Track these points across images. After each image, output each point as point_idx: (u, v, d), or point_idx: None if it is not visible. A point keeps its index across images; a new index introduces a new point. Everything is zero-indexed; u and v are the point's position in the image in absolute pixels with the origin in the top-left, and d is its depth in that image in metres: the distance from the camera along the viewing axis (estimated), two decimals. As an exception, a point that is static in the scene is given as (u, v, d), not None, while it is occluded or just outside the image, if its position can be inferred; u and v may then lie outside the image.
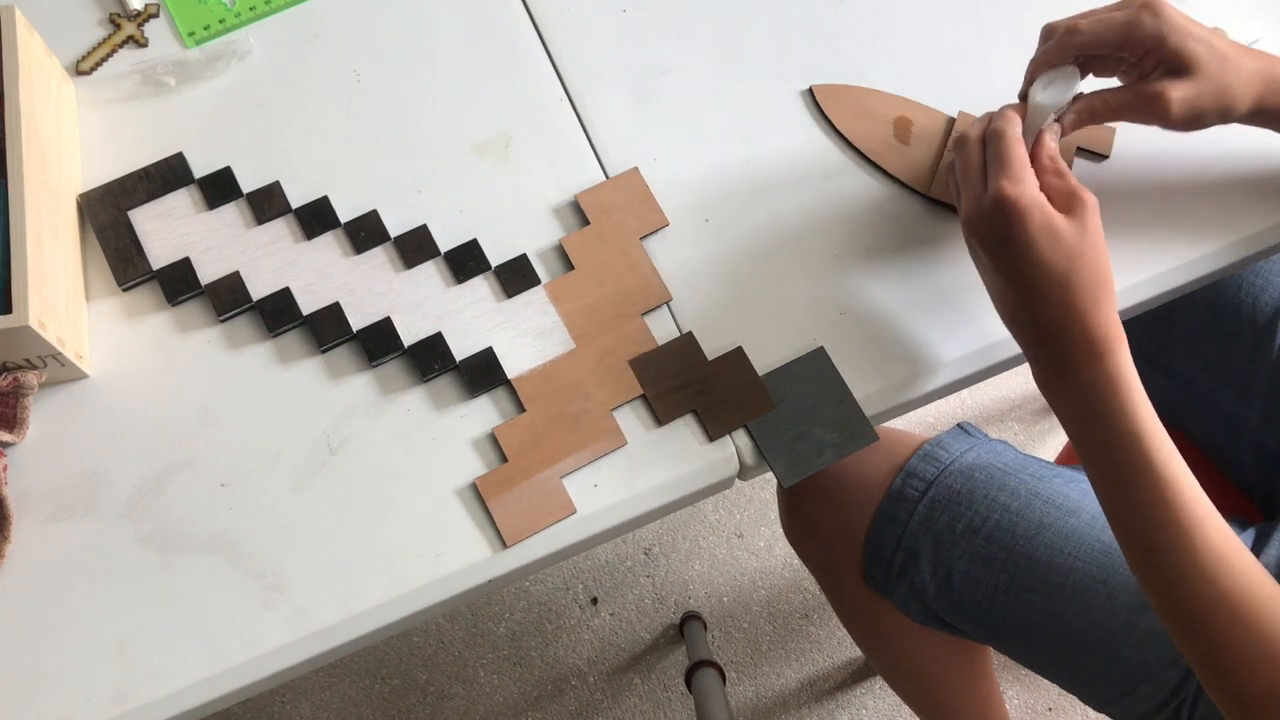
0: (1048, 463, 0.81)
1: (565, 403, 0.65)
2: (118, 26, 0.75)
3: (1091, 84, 0.64)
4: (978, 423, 1.40)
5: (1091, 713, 1.27)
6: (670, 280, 0.69)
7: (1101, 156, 0.72)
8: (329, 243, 0.69)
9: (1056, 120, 0.63)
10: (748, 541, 1.40)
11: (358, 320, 0.67)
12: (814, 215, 0.70)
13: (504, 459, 0.64)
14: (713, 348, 0.67)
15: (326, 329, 0.67)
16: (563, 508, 0.63)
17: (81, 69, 0.74)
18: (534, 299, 0.68)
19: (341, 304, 0.67)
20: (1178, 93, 0.60)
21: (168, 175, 0.71)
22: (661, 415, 0.65)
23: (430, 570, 0.62)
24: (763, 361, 0.67)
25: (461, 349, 0.67)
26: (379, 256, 0.69)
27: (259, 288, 0.68)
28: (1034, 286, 0.58)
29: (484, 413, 0.66)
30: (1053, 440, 1.42)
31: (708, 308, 0.68)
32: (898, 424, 1.34)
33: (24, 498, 0.64)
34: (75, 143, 0.72)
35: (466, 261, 0.69)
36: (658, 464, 0.64)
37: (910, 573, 0.79)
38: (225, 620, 0.61)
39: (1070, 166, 0.71)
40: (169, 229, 0.69)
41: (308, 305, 0.67)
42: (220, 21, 0.75)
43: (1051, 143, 0.62)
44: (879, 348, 0.67)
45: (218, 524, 0.63)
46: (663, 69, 0.74)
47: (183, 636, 0.61)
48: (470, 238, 0.69)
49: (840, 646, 1.35)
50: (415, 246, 0.69)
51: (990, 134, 0.60)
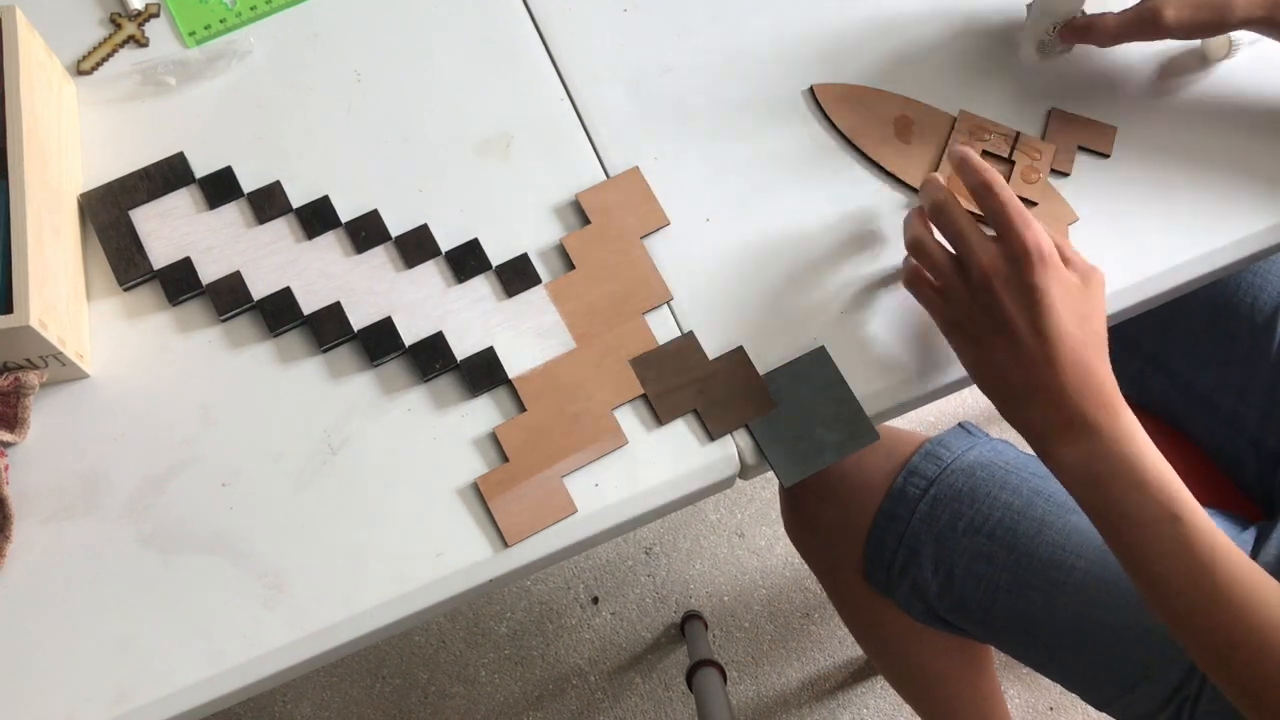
0: None
1: (566, 402, 0.65)
2: (118, 26, 0.75)
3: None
4: (979, 422, 1.40)
5: (1093, 712, 1.27)
6: (671, 279, 0.69)
7: (1103, 155, 0.71)
8: (330, 242, 0.69)
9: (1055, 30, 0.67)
10: (749, 541, 1.40)
11: (358, 320, 0.67)
12: (815, 214, 0.70)
13: (505, 458, 0.64)
14: (714, 347, 0.67)
15: (327, 329, 0.67)
16: (564, 507, 0.63)
17: (82, 69, 0.74)
18: (535, 298, 0.68)
19: (342, 303, 0.67)
20: (1171, 8, 0.64)
21: (168, 175, 0.71)
22: (662, 415, 0.65)
23: (431, 570, 0.62)
24: (764, 361, 0.67)
25: (462, 348, 0.67)
26: (380, 256, 0.69)
27: (260, 287, 0.68)
28: (1055, 340, 0.56)
29: (485, 412, 0.66)
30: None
31: (709, 307, 0.68)
32: (898, 423, 1.34)
33: (25, 497, 0.64)
34: (76, 142, 0.72)
35: (467, 261, 0.69)
36: (659, 463, 0.64)
37: (912, 571, 0.79)
38: (226, 620, 0.61)
39: (1071, 165, 0.71)
40: (170, 229, 0.69)
41: (308, 305, 0.67)
42: (221, 21, 0.75)
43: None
44: (880, 347, 0.67)
45: (218, 524, 0.63)
46: (663, 68, 0.74)
47: (184, 636, 0.61)
48: (471, 237, 0.69)
49: (842, 646, 1.35)
50: (416, 246, 0.69)
51: (981, 188, 0.59)
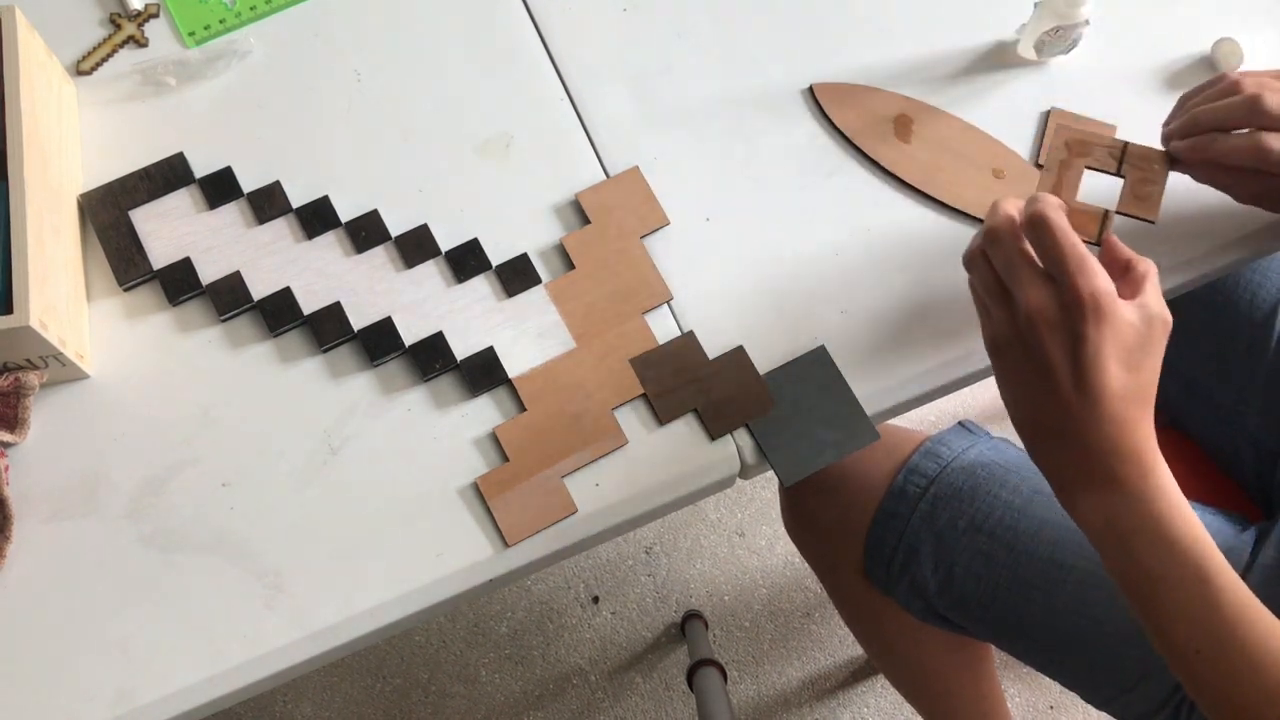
0: None
1: (566, 402, 0.65)
2: (118, 26, 0.75)
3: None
4: (979, 420, 1.40)
5: (1093, 711, 1.27)
6: (671, 279, 0.69)
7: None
8: (330, 242, 0.69)
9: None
10: (749, 540, 1.40)
11: (358, 320, 0.67)
12: (815, 213, 0.70)
13: (505, 458, 0.64)
14: (714, 347, 0.67)
15: (327, 329, 0.67)
16: (564, 507, 0.63)
17: (82, 69, 0.74)
18: (535, 298, 0.68)
19: (342, 303, 0.67)
20: None
21: (168, 175, 0.71)
22: (662, 414, 0.65)
23: (431, 570, 0.62)
24: (764, 360, 0.67)
25: (462, 348, 0.67)
26: (380, 256, 0.69)
27: (260, 287, 0.68)
28: (1096, 397, 0.52)
29: (485, 412, 0.66)
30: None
31: (709, 307, 0.68)
32: (898, 422, 1.34)
33: (25, 498, 0.64)
34: (76, 143, 0.72)
35: (467, 261, 0.69)
36: (659, 463, 0.64)
37: (911, 569, 0.79)
38: (227, 620, 0.61)
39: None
40: (170, 229, 0.69)
41: (308, 305, 0.67)
42: (220, 21, 0.75)
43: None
44: (880, 346, 0.67)
45: (219, 524, 0.63)
46: (663, 68, 0.74)
47: (184, 636, 0.61)
48: (471, 237, 0.69)
49: (842, 645, 1.35)
50: (416, 246, 0.69)
51: (1037, 221, 0.53)
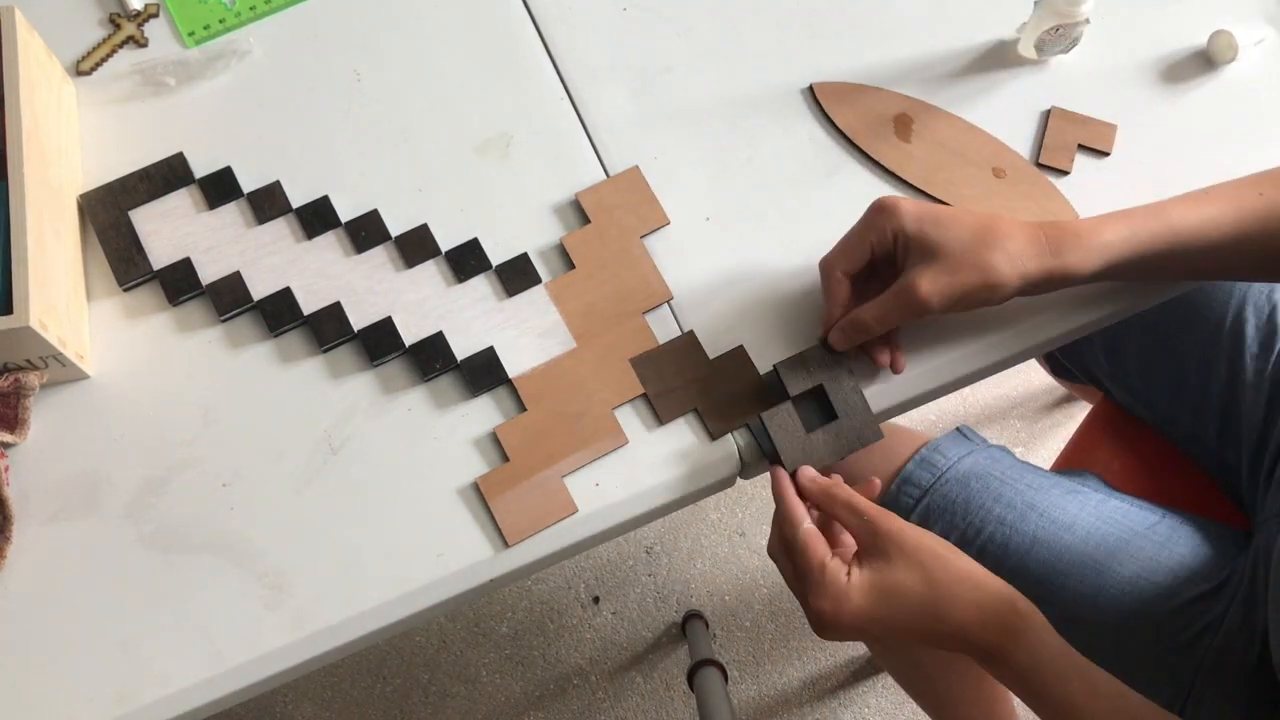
0: (1047, 472, 0.81)
1: (567, 402, 0.65)
2: (118, 26, 0.75)
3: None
4: (980, 420, 1.40)
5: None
6: (671, 279, 0.68)
7: (1103, 154, 0.71)
8: (330, 242, 0.69)
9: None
10: (750, 540, 1.40)
11: (359, 320, 0.67)
12: (815, 212, 0.70)
13: (505, 458, 0.64)
14: (714, 346, 0.67)
15: (327, 329, 0.67)
16: (564, 507, 0.63)
17: (82, 69, 0.74)
18: (535, 298, 0.68)
19: (342, 303, 0.67)
20: (925, 280, 0.60)
21: (168, 175, 0.71)
22: (663, 414, 0.65)
23: (432, 570, 0.62)
24: (764, 360, 0.66)
25: (462, 348, 0.67)
26: (380, 256, 0.69)
27: (260, 288, 0.68)
28: (917, 638, 0.59)
29: (485, 412, 0.66)
30: (1054, 438, 1.42)
31: (709, 306, 0.68)
32: (899, 421, 1.34)
33: (25, 498, 0.64)
34: (75, 143, 0.72)
35: (467, 260, 0.69)
36: (659, 463, 0.64)
37: None
38: (227, 620, 0.61)
39: (1070, 163, 0.71)
40: (170, 229, 0.69)
41: (309, 305, 0.67)
42: (220, 21, 0.75)
43: (820, 481, 0.61)
44: (880, 346, 0.67)
45: (219, 524, 0.63)
46: (663, 68, 0.74)
47: (184, 636, 0.61)
48: (471, 237, 0.69)
49: (842, 645, 1.35)
50: (416, 246, 0.69)
51: (785, 545, 0.61)
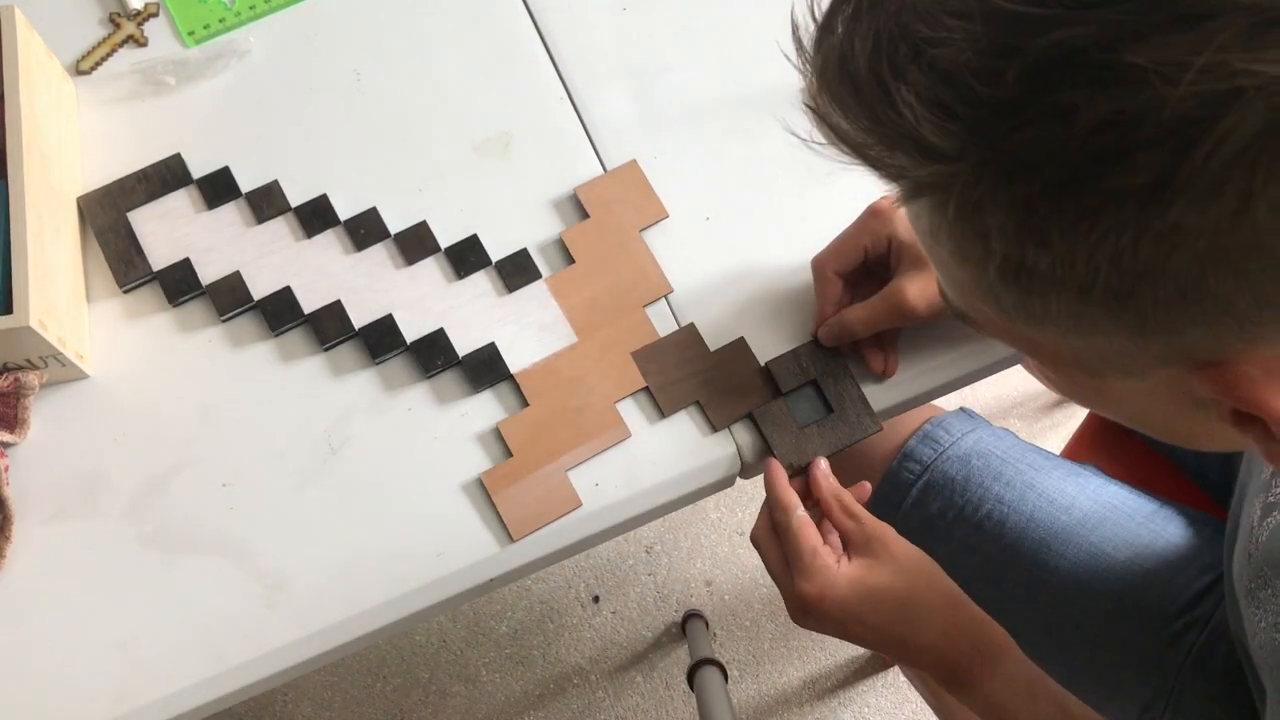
0: (1049, 453, 0.80)
1: (569, 396, 0.65)
2: (118, 26, 0.75)
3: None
4: (983, 415, 1.40)
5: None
6: (671, 273, 0.68)
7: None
8: (329, 240, 0.69)
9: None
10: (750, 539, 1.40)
11: (359, 318, 0.67)
12: (815, 211, 0.70)
13: (509, 454, 0.64)
14: (715, 339, 0.67)
15: (328, 327, 0.67)
16: (569, 501, 0.63)
17: (82, 69, 0.74)
18: (535, 293, 0.68)
19: (343, 301, 0.67)
20: (914, 287, 0.61)
21: (166, 176, 0.70)
22: (665, 407, 0.65)
23: (432, 569, 0.62)
24: (765, 351, 0.66)
25: (464, 344, 0.66)
26: (379, 253, 0.69)
27: (260, 287, 0.68)
28: (890, 646, 0.59)
29: (487, 408, 0.66)
30: (1055, 437, 1.42)
31: (709, 299, 0.68)
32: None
33: (25, 498, 0.63)
34: (75, 142, 0.71)
35: (467, 257, 0.69)
36: (662, 458, 0.64)
37: None
38: (227, 620, 0.61)
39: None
40: (169, 229, 0.69)
41: (309, 304, 0.67)
42: (220, 20, 0.75)
43: (829, 482, 0.62)
44: (881, 342, 0.67)
45: (219, 524, 0.63)
46: (663, 68, 0.74)
47: (184, 636, 0.61)
48: (470, 233, 0.69)
49: (843, 644, 1.35)
50: (416, 243, 0.69)
51: (777, 530, 0.61)
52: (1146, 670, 0.72)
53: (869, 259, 0.63)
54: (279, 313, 0.67)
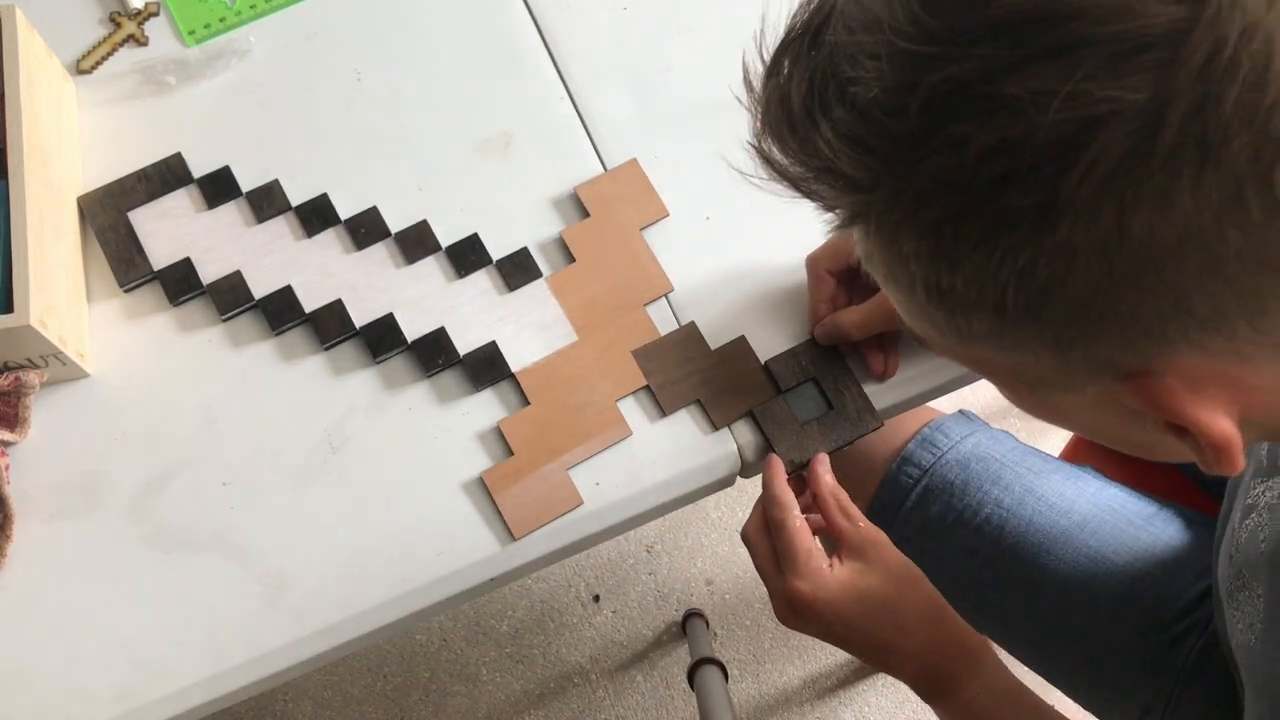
0: (1048, 456, 0.80)
1: (569, 395, 0.65)
2: (118, 25, 0.75)
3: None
4: (982, 415, 1.39)
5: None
6: (672, 271, 0.68)
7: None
8: (330, 240, 0.69)
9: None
10: (750, 539, 1.40)
11: (360, 317, 0.67)
12: (815, 210, 0.70)
13: (510, 452, 0.64)
14: (715, 337, 0.67)
15: (329, 326, 0.67)
16: (570, 499, 0.63)
17: (82, 68, 0.74)
18: (536, 292, 0.68)
19: (343, 301, 0.67)
20: None
21: (166, 176, 0.70)
22: (665, 405, 0.65)
23: (433, 568, 0.62)
24: (765, 350, 0.66)
25: (464, 343, 0.67)
26: (380, 252, 0.69)
27: (260, 286, 0.68)
28: (872, 650, 0.60)
29: (488, 407, 0.66)
30: (1055, 437, 1.42)
31: (709, 298, 0.68)
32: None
33: (25, 497, 0.63)
34: (75, 142, 0.71)
35: (468, 256, 0.69)
36: (662, 457, 0.64)
37: None
38: (227, 619, 0.61)
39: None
40: (169, 229, 0.69)
41: (309, 303, 0.67)
42: (220, 20, 0.75)
43: (829, 479, 0.63)
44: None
45: (220, 523, 0.63)
46: (663, 67, 0.74)
47: (185, 635, 0.61)
48: (471, 232, 0.69)
49: (843, 643, 1.35)
50: (416, 242, 0.69)
51: (772, 526, 0.61)
52: (1146, 673, 0.72)
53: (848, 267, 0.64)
54: (279, 312, 0.67)
